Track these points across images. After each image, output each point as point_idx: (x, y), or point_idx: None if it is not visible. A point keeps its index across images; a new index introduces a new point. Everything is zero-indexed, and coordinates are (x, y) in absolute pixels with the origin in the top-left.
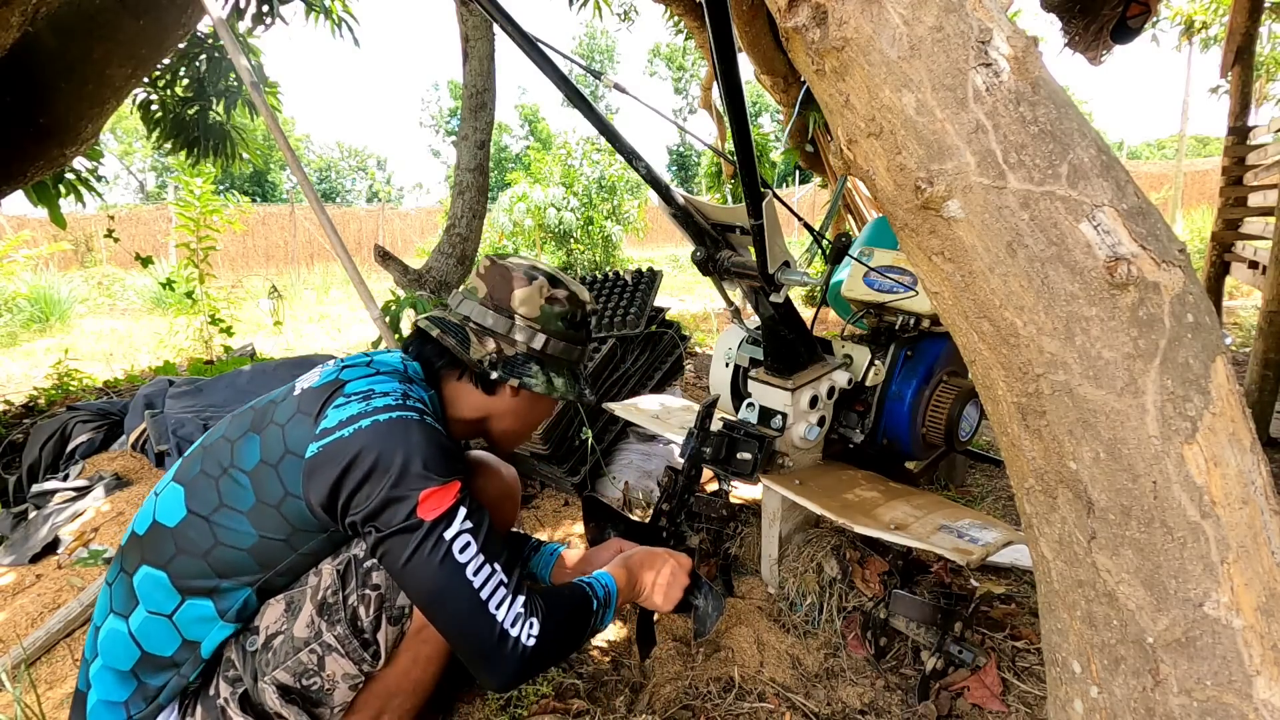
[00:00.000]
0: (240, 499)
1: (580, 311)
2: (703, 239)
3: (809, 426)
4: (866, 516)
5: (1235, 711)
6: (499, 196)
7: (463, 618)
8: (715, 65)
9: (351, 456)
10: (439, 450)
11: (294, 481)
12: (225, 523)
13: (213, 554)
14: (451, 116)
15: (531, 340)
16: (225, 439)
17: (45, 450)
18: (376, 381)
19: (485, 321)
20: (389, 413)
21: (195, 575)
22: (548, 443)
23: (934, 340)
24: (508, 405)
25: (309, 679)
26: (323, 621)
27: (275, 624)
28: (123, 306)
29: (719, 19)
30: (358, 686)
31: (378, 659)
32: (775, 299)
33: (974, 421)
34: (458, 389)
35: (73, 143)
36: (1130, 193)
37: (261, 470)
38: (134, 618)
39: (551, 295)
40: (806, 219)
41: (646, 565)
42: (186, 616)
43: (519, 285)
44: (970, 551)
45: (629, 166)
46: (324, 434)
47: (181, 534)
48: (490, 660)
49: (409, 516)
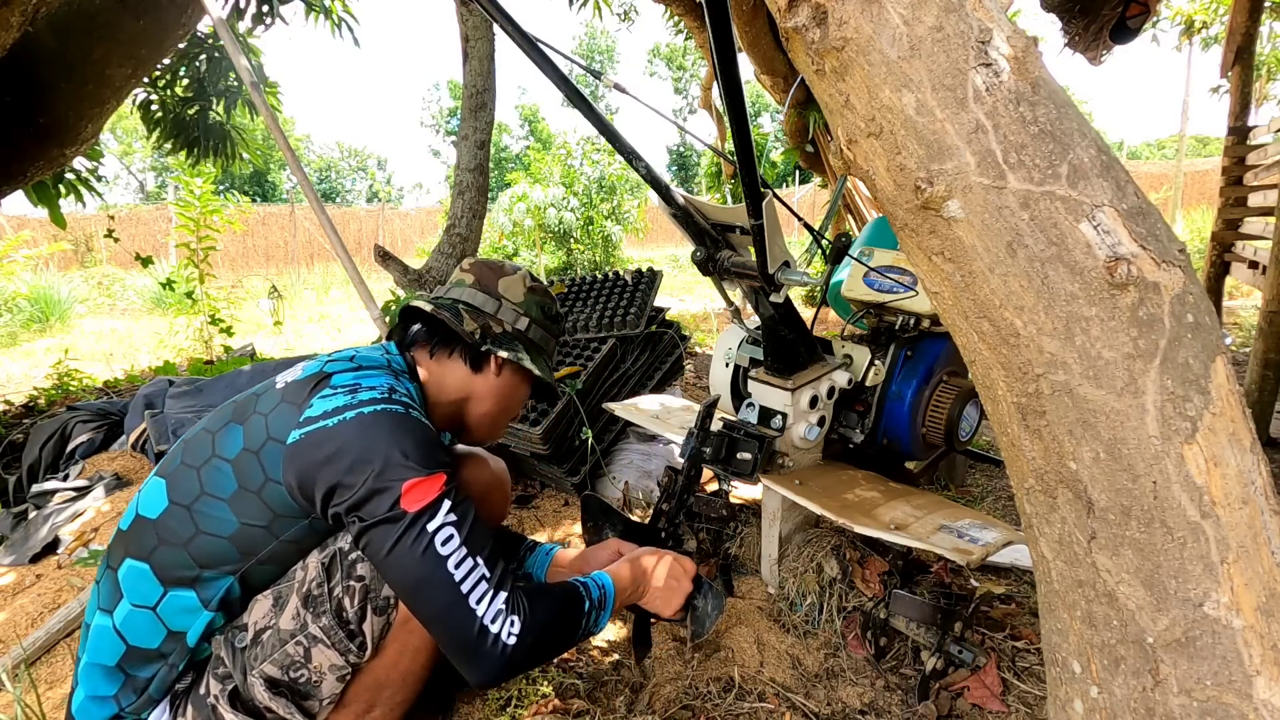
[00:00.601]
0: (222, 486)
1: (555, 307)
2: (703, 239)
3: (809, 426)
4: (866, 516)
5: (1235, 711)
6: (499, 196)
7: (443, 610)
8: (715, 65)
9: (336, 447)
10: (424, 442)
11: (275, 467)
12: (207, 510)
13: (194, 543)
14: (451, 116)
15: (516, 322)
16: (206, 431)
17: (45, 450)
18: (363, 376)
19: (475, 301)
20: (374, 405)
21: (177, 565)
22: (548, 443)
23: (934, 340)
24: (490, 385)
25: (296, 671)
26: (308, 613)
27: (263, 619)
28: (123, 306)
29: (719, 19)
30: (345, 678)
31: (364, 650)
32: (775, 299)
33: (974, 421)
34: (444, 367)
35: (73, 143)
36: (1130, 193)
37: (244, 457)
38: (118, 611)
39: (533, 285)
40: (806, 219)
41: (649, 568)
42: (170, 607)
43: (503, 274)
44: (970, 551)
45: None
46: (308, 422)
47: (163, 525)
48: (470, 656)
49: (392, 507)
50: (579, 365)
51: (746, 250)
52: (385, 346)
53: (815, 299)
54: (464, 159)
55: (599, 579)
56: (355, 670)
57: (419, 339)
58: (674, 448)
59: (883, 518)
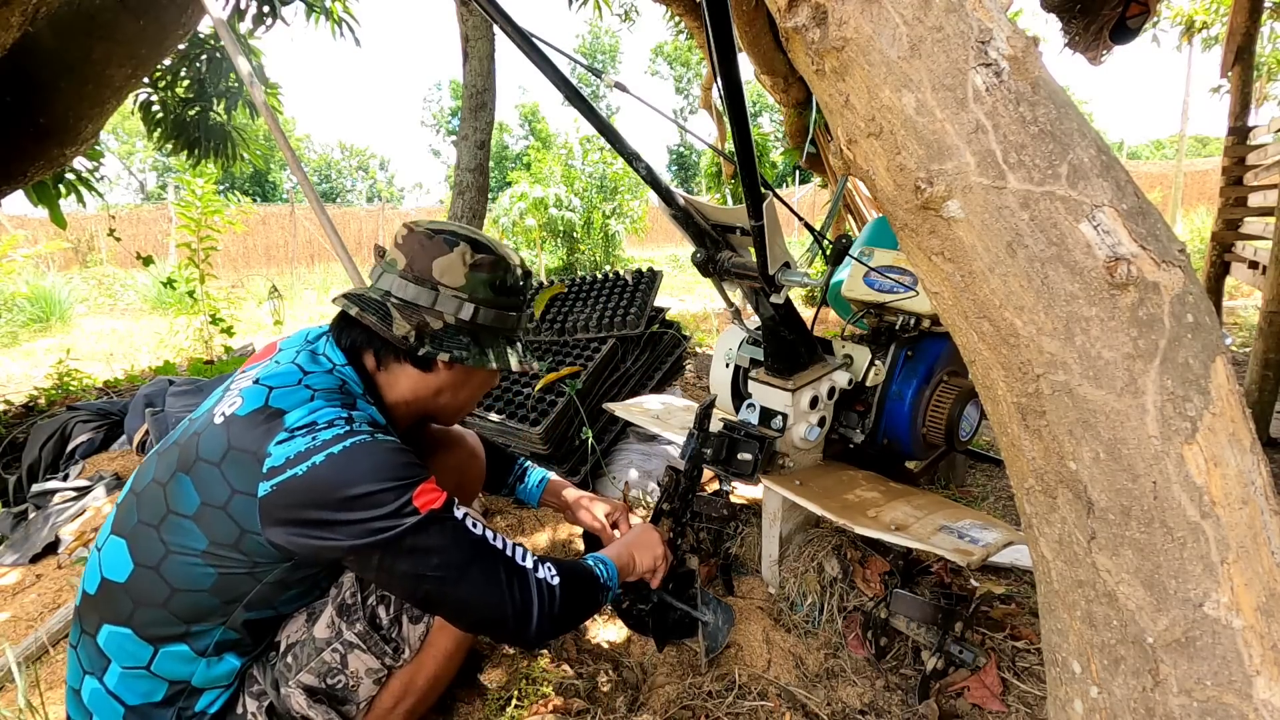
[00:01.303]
0: (189, 544)
1: (509, 276)
2: (703, 240)
3: (809, 427)
4: (867, 517)
5: (1235, 711)
6: (499, 196)
7: (503, 579)
8: (715, 65)
9: (319, 493)
10: (404, 458)
11: (250, 519)
12: (178, 569)
13: (173, 601)
14: (452, 116)
15: (459, 311)
16: (156, 482)
17: (45, 450)
18: (317, 411)
19: (406, 295)
20: (341, 442)
21: (160, 623)
22: (548, 443)
23: (934, 340)
24: (445, 380)
25: (333, 677)
26: (342, 622)
27: (296, 633)
28: (123, 306)
29: (719, 18)
30: (381, 681)
31: (399, 654)
32: (775, 300)
33: (974, 421)
34: (393, 374)
35: (73, 143)
36: (1130, 193)
37: (208, 513)
38: (109, 675)
39: (476, 261)
40: (807, 219)
41: (636, 545)
42: (164, 665)
43: (438, 254)
44: (971, 552)
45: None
46: (274, 472)
47: (134, 588)
48: (527, 612)
49: (412, 514)
50: (579, 365)
51: (747, 251)
52: (330, 357)
53: (815, 299)
54: (464, 159)
55: (606, 561)
56: (390, 672)
57: (359, 344)
58: (673, 448)
59: (883, 518)
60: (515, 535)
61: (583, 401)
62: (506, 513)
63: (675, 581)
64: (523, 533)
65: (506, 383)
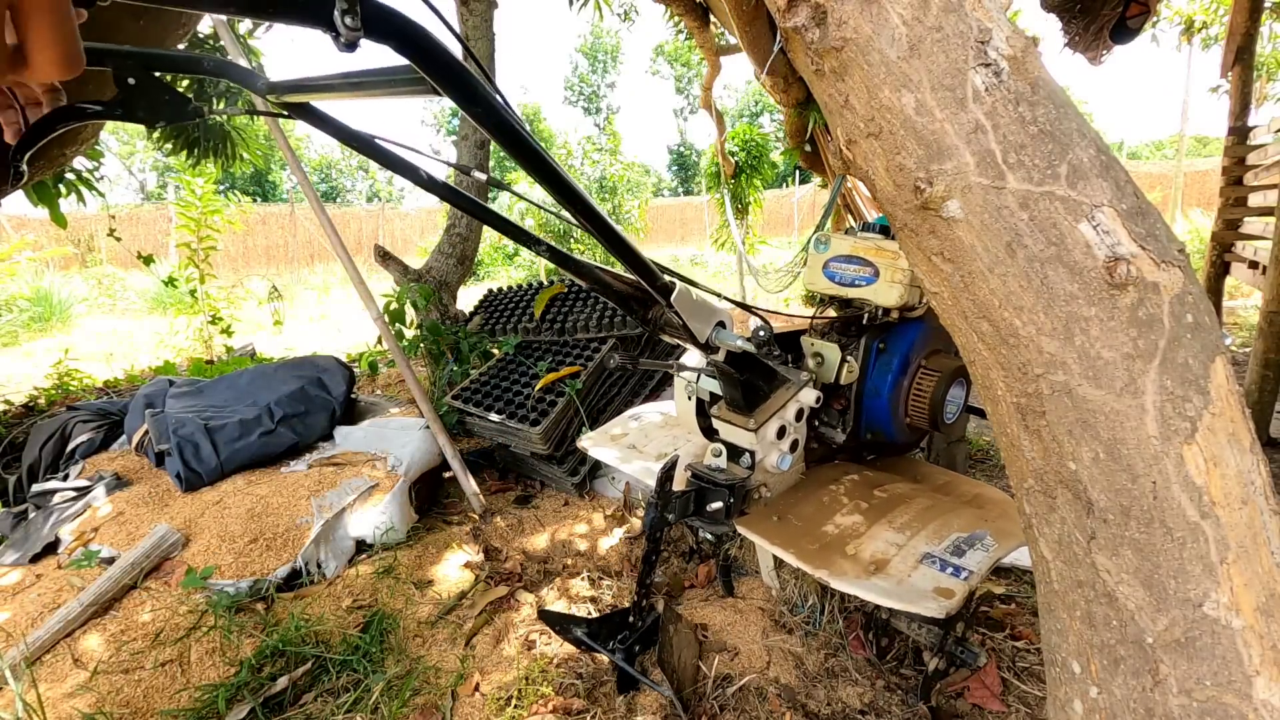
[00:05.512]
0: None
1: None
2: (629, 306)
3: (781, 456)
4: (845, 557)
5: (1235, 712)
6: (499, 196)
7: None
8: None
9: None
10: None
11: None
12: None
13: None
14: (452, 116)
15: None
16: None
17: (45, 450)
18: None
19: None
20: None
21: None
22: (548, 443)
23: (905, 326)
24: None
25: None
26: None
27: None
28: (123, 306)
29: None
30: None
31: None
32: (717, 358)
33: (960, 401)
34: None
35: (72, 142)
36: (1129, 193)
37: None
38: None
39: None
40: (806, 219)
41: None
42: None
43: None
44: (952, 592)
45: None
46: None
47: None
48: None
49: None
50: (579, 365)
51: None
52: None
53: (815, 299)
54: (464, 159)
55: None
56: None
57: None
58: (673, 450)
59: (863, 554)
60: (515, 535)
61: (583, 401)
62: (507, 513)
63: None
64: (523, 533)
65: (507, 383)
